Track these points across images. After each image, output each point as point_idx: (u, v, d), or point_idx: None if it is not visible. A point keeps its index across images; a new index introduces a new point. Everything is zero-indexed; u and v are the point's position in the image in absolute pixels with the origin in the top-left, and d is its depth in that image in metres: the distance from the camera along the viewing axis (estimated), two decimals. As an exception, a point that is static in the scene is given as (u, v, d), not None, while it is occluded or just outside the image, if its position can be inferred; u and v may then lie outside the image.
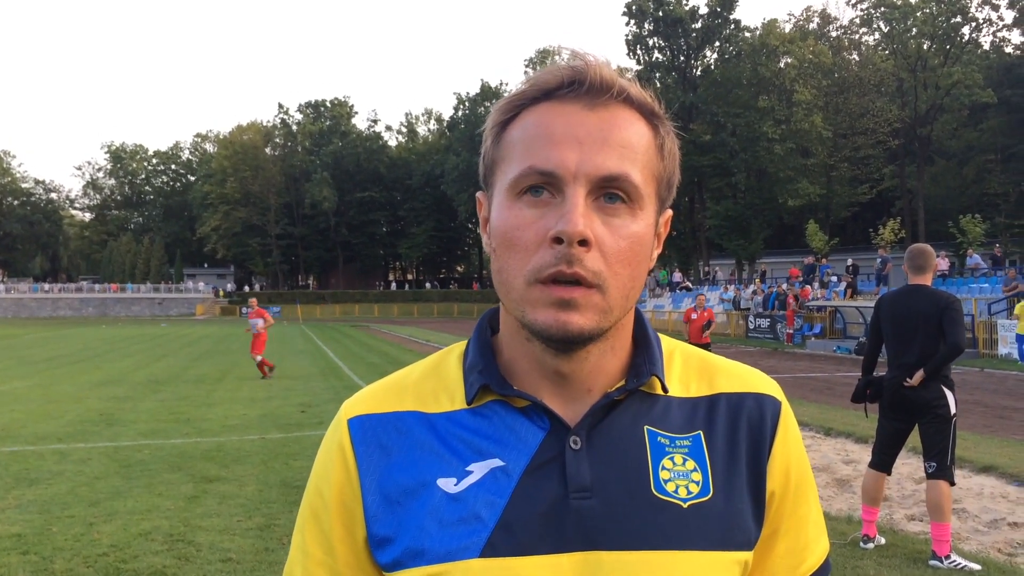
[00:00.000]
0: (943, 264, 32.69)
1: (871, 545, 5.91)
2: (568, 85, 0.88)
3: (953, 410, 5.66)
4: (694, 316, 16.40)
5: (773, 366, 22.88)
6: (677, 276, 53.48)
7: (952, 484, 5.64)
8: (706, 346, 15.31)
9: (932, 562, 5.58)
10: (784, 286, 36.32)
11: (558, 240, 0.83)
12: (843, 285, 33.58)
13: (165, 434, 11.22)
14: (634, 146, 0.88)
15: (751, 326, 35.92)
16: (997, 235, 46.79)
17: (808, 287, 35.16)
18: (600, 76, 0.88)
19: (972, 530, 6.51)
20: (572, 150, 0.85)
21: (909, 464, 8.74)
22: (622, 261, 0.86)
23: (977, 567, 5.49)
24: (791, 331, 31.81)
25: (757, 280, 42.84)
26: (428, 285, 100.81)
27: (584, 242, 0.83)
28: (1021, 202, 54.88)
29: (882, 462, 5.98)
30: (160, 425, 12.01)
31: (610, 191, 0.86)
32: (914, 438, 5.99)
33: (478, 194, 0.99)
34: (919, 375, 5.63)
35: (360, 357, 25.84)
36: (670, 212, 0.97)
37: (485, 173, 0.95)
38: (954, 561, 5.52)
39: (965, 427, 10.13)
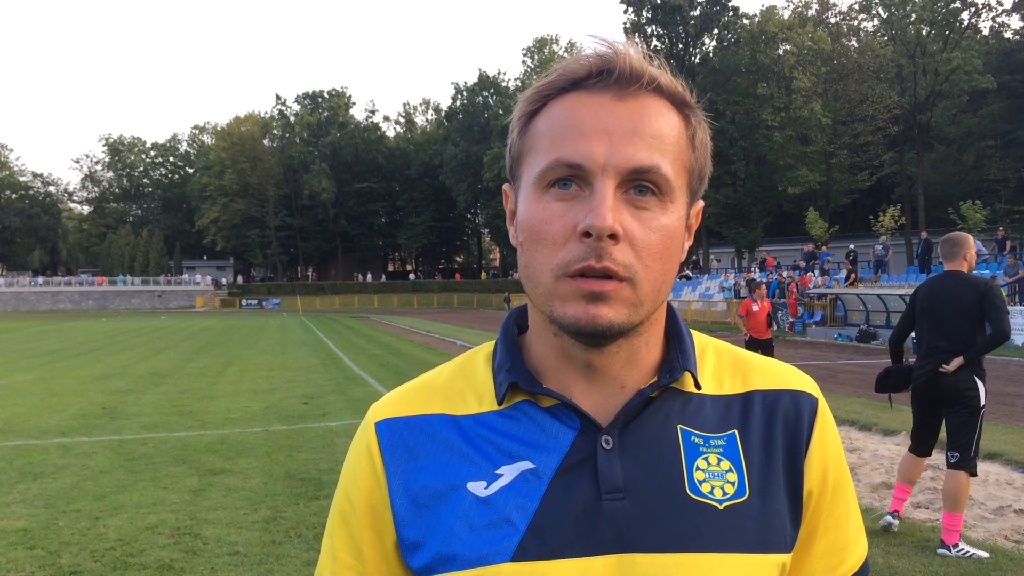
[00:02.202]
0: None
1: (894, 521, 5.89)
2: (597, 75, 0.86)
3: (983, 401, 5.58)
4: (755, 308, 13.32)
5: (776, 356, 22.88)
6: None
7: (973, 475, 5.59)
8: (769, 343, 13.00)
9: (940, 550, 5.57)
10: (785, 274, 36.32)
11: (587, 234, 0.82)
12: (844, 272, 33.59)
13: (168, 427, 11.22)
14: (665, 137, 0.86)
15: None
16: (997, 221, 46.72)
17: (808, 275, 35.16)
18: (630, 65, 0.86)
19: (979, 517, 6.50)
20: (601, 142, 0.83)
21: (913, 451, 8.75)
22: (653, 255, 0.85)
23: (985, 555, 5.48)
24: (792, 320, 31.82)
25: (755, 268, 42.80)
26: (438, 276, 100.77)
27: (613, 236, 0.82)
28: (1021, 188, 54.80)
29: (922, 450, 5.94)
30: (163, 418, 12.01)
31: (640, 183, 0.84)
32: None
33: (504, 186, 0.96)
34: (957, 361, 5.51)
35: (361, 348, 25.84)
36: (701, 203, 0.95)
37: (511, 165, 0.93)
38: (962, 550, 5.51)
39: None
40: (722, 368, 0.97)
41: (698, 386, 0.93)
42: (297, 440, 10.05)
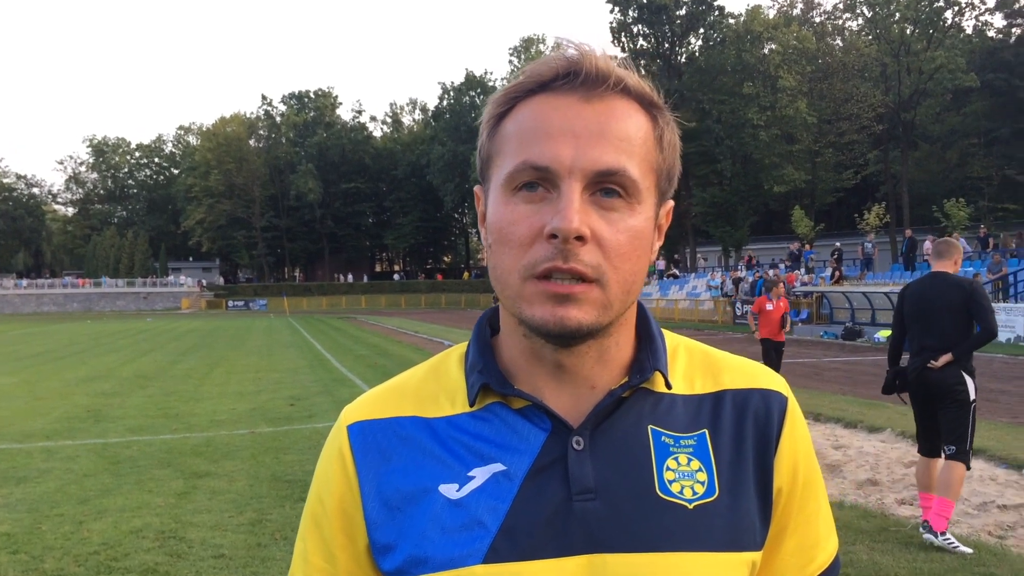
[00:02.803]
0: (929, 247, 32.84)
1: (928, 535, 5.79)
2: (564, 76, 0.86)
3: (972, 396, 5.70)
4: (768, 307, 12.48)
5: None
6: (661, 264, 53.65)
7: (967, 468, 5.69)
8: (781, 345, 12.50)
9: (926, 535, 5.65)
10: (771, 272, 36.48)
11: (554, 236, 0.82)
12: (829, 270, 33.77)
13: (153, 430, 11.16)
14: (631, 139, 0.86)
15: (738, 312, 36.04)
16: (980, 219, 47.07)
17: (793, 273, 35.33)
18: (596, 67, 0.86)
19: (962, 513, 6.54)
20: (568, 144, 0.83)
21: (898, 449, 8.81)
22: (621, 255, 0.85)
23: (969, 551, 5.53)
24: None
25: (743, 267, 42.95)
26: (420, 276, 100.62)
27: (580, 238, 0.82)
28: (1004, 186, 55.25)
29: (928, 448, 5.99)
30: (148, 421, 11.95)
31: (607, 185, 0.84)
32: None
33: (475, 188, 0.96)
34: (945, 357, 5.66)
35: (348, 349, 25.78)
36: (671, 203, 0.95)
37: (481, 167, 0.93)
38: (948, 539, 5.58)
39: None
40: (693, 368, 0.97)
41: (669, 386, 0.93)
42: (283, 442, 10.01)
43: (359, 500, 0.92)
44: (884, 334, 24.76)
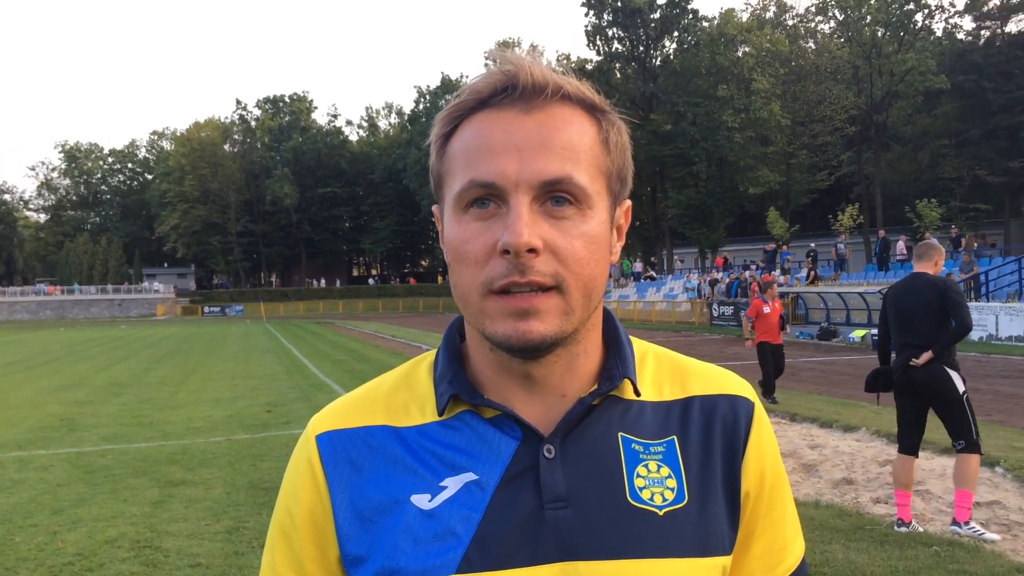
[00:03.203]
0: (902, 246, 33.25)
1: (904, 529, 5.99)
2: (502, 91, 0.87)
3: (961, 388, 5.84)
4: (766, 309, 12.01)
5: (737, 353, 23.07)
6: (638, 266, 53.85)
7: (980, 454, 5.87)
8: (781, 347, 12.15)
9: (952, 527, 5.88)
10: (747, 274, 36.72)
11: (507, 251, 0.82)
12: (805, 271, 34.05)
13: (128, 438, 11.05)
14: (575, 146, 0.86)
15: (715, 314, 36.25)
16: (952, 219, 47.65)
17: (772, 273, 35.59)
18: (533, 77, 0.86)
19: (936, 511, 6.62)
20: (511, 158, 0.84)
21: (873, 447, 8.89)
22: (578, 261, 0.85)
23: (996, 537, 5.75)
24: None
25: (718, 269, 43.19)
26: (395, 280, 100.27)
27: (533, 250, 0.82)
28: (975, 186, 55.92)
29: (908, 445, 6.09)
30: (123, 429, 11.83)
31: (556, 194, 0.85)
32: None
33: (433, 207, 0.98)
34: (927, 355, 5.81)
35: (326, 354, 25.66)
36: (629, 202, 0.96)
37: (435, 187, 0.94)
38: (973, 528, 5.79)
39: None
40: (661, 374, 0.98)
41: (638, 393, 0.94)
42: (260, 449, 9.95)
43: (330, 511, 0.92)
44: (859, 334, 25.01)
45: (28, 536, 6.49)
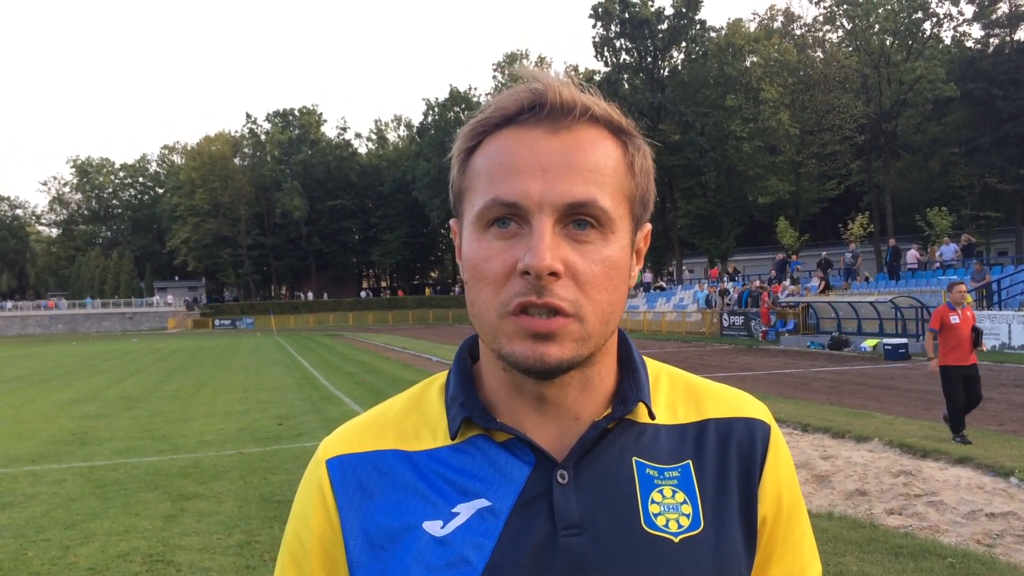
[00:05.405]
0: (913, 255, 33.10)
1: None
2: (529, 109, 0.85)
3: None
4: (953, 319, 9.35)
5: (748, 363, 23.03)
6: (648, 277, 53.73)
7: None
8: (975, 369, 9.56)
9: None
10: (757, 283, 36.63)
11: (527, 272, 0.81)
12: (816, 280, 33.94)
13: (140, 452, 11.08)
14: (601, 169, 0.85)
15: (725, 324, 36.14)
16: (963, 227, 47.41)
17: (778, 284, 35.48)
18: (561, 97, 0.85)
19: (951, 522, 6.57)
20: (536, 179, 0.83)
21: (886, 458, 8.84)
22: (597, 287, 0.84)
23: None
24: (765, 328, 32.06)
25: (726, 279, 43.06)
26: (399, 293, 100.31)
27: (554, 273, 0.81)
28: (985, 194, 55.63)
29: None
30: (135, 443, 11.86)
31: (579, 217, 0.84)
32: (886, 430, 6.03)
33: (451, 221, 0.97)
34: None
35: (336, 367, 25.68)
36: (649, 226, 0.95)
37: (454, 202, 0.93)
38: None
39: (940, 419, 10.25)
40: (676, 396, 0.97)
41: (652, 416, 0.93)
42: (272, 462, 9.96)
43: (340, 538, 0.91)
44: (870, 343, 24.87)
45: (41, 551, 6.51)
